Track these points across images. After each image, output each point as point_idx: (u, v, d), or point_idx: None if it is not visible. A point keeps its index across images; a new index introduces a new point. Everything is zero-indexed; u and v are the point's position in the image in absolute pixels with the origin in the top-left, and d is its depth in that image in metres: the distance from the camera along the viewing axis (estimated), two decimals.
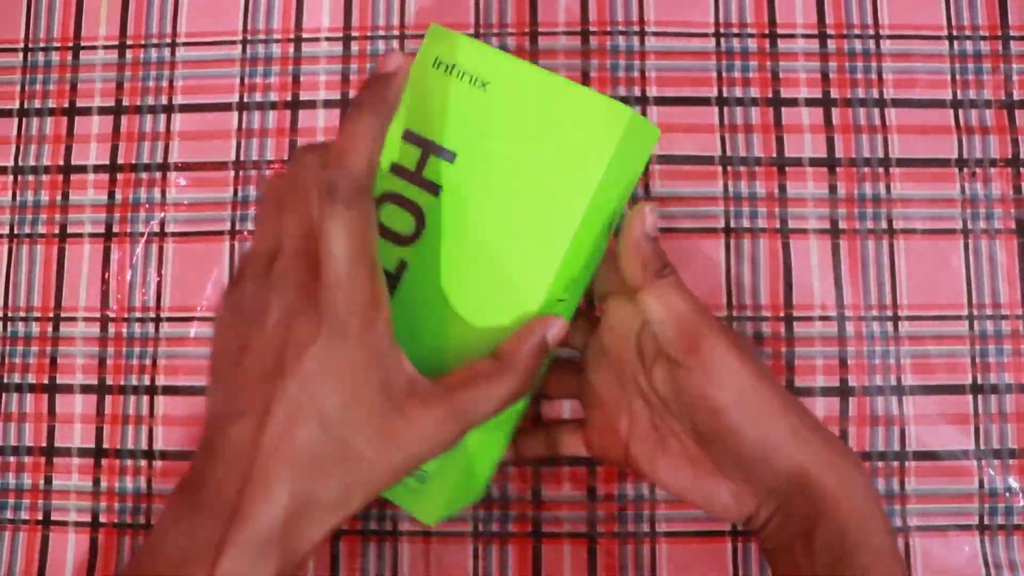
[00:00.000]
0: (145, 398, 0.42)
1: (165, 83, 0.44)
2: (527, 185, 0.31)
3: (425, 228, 0.32)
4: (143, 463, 0.42)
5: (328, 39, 0.44)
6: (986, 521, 0.40)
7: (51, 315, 0.43)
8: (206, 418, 0.30)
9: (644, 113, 0.43)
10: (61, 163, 0.44)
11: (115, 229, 0.43)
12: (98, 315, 0.43)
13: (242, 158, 0.43)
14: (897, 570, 0.31)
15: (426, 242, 0.32)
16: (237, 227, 0.43)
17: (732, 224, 0.42)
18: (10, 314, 0.43)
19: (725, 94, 0.43)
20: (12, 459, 0.42)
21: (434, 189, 0.32)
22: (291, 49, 0.44)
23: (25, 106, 0.44)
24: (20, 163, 0.44)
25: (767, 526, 0.33)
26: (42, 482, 0.42)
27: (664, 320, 0.32)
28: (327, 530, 0.28)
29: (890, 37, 0.43)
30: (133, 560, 0.29)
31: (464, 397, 0.29)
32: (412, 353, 0.29)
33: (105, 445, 0.42)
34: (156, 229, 0.43)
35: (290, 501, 0.27)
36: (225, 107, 0.44)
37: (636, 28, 0.44)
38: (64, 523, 0.41)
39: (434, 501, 0.33)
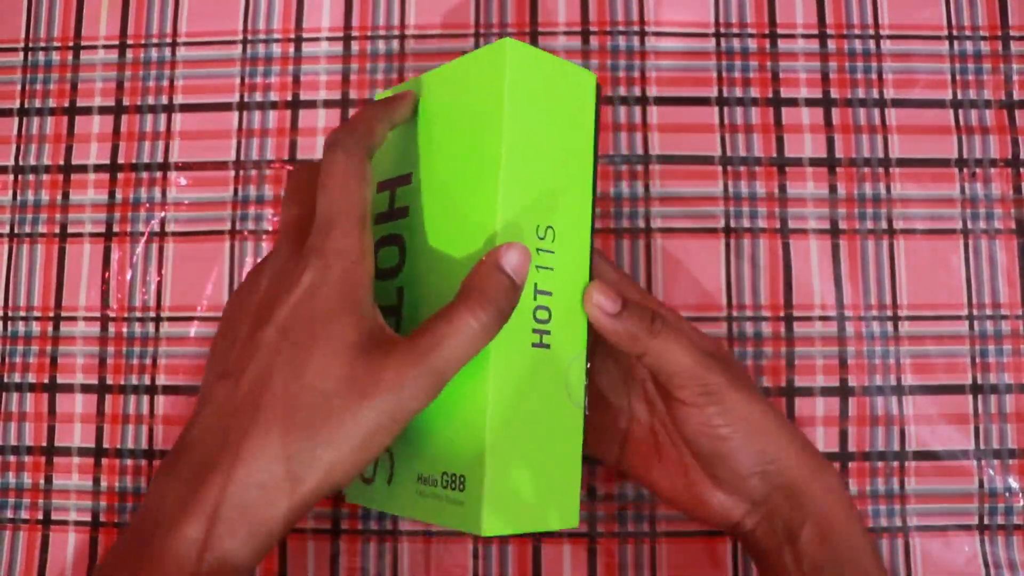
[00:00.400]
0: (145, 398, 0.42)
1: (165, 83, 0.44)
2: (461, 161, 0.32)
3: (406, 251, 0.34)
4: (143, 463, 0.42)
5: (328, 39, 0.44)
6: (986, 521, 0.40)
7: (51, 315, 0.43)
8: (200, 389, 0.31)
9: (644, 113, 0.43)
10: (61, 163, 0.44)
11: (115, 229, 0.43)
12: (98, 315, 0.43)
13: (242, 158, 0.43)
14: (875, 569, 0.33)
15: (410, 260, 0.33)
16: (237, 227, 0.43)
17: (732, 224, 0.42)
18: (10, 314, 0.43)
19: (725, 94, 0.43)
20: (12, 459, 0.42)
21: (404, 212, 0.34)
22: (291, 49, 0.44)
23: (25, 106, 0.44)
24: (20, 163, 0.44)
25: (754, 532, 0.34)
26: (42, 482, 0.42)
27: (671, 375, 0.33)
28: (299, 501, 0.26)
29: (890, 37, 0.43)
30: (120, 534, 0.29)
31: (424, 339, 0.27)
32: None
33: (105, 445, 0.42)
34: (156, 229, 0.43)
35: (259, 459, 0.26)
36: (225, 107, 0.44)
37: (636, 28, 0.44)
38: (64, 523, 0.41)
39: (480, 505, 0.29)
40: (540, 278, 0.31)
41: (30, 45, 0.45)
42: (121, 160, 0.44)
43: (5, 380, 0.43)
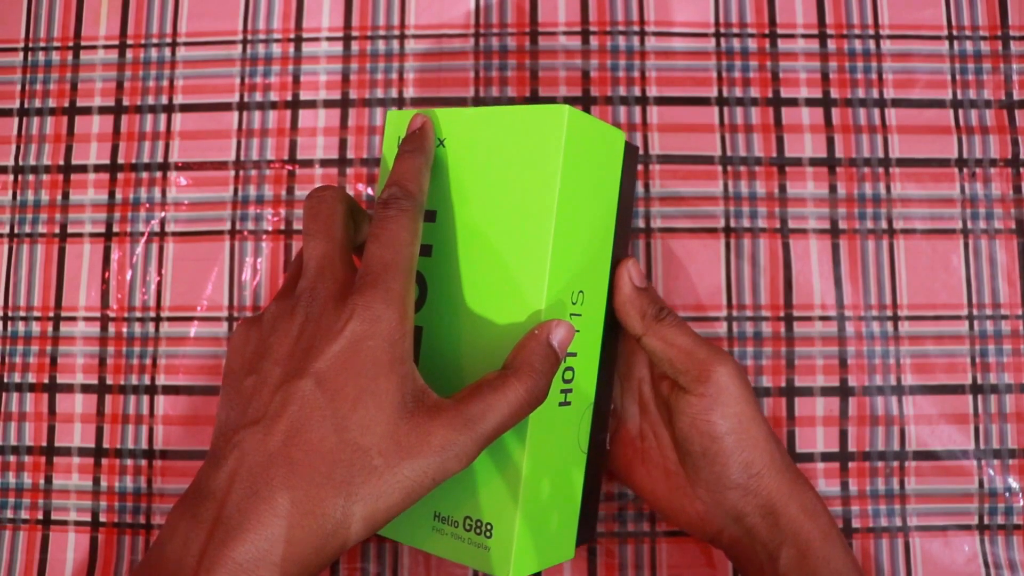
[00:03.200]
0: (145, 398, 0.42)
1: (165, 83, 0.44)
2: (501, 213, 0.32)
3: (428, 290, 0.34)
4: (143, 463, 0.42)
5: (328, 39, 0.44)
6: (986, 521, 0.40)
7: (51, 315, 0.43)
8: (214, 430, 0.30)
9: (644, 113, 0.43)
10: (61, 163, 0.44)
11: (115, 229, 0.43)
12: (98, 315, 0.43)
13: (242, 158, 0.43)
14: None
15: (431, 300, 0.33)
16: (237, 227, 0.43)
17: (732, 224, 0.42)
18: (10, 314, 0.43)
19: (725, 94, 0.43)
20: (12, 459, 0.42)
21: (427, 251, 0.34)
22: (291, 49, 0.44)
23: (25, 106, 0.44)
24: (20, 163, 0.44)
25: (734, 548, 0.35)
26: (42, 482, 0.42)
27: (671, 357, 0.34)
28: (327, 557, 0.26)
29: (890, 37, 0.43)
30: (133, 571, 0.29)
31: (472, 407, 0.28)
32: None
33: (105, 445, 0.42)
34: (156, 229, 0.43)
35: (292, 515, 0.26)
36: (225, 107, 0.44)
37: (636, 28, 0.44)
38: (64, 523, 0.41)
39: (510, 553, 0.31)
40: (572, 342, 0.32)
41: (30, 45, 0.45)
42: (121, 160, 0.44)
43: (5, 380, 0.43)
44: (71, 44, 0.45)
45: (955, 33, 0.43)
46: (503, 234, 0.32)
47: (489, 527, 0.31)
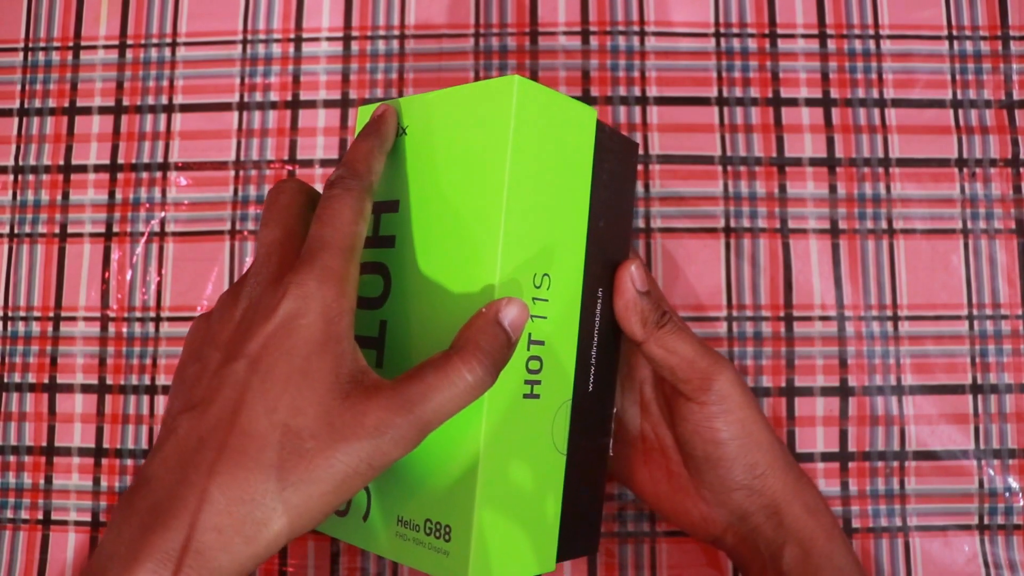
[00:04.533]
0: (145, 398, 0.42)
1: (165, 83, 0.44)
2: (457, 195, 0.31)
3: (391, 281, 0.33)
4: (143, 463, 0.42)
5: (328, 39, 0.44)
6: (986, 521, 0.40)
7: (51, 315, 0.43)
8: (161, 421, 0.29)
9: (644, 113, 0.43)
10: (61, 163, 0.44)
11: (115, 229, 0.43)
12: (98, 315, 0.43)
13: (242, 158, 0.43)
14: None
15: (395, 292, 0.32)
16: (237, 227, 0.43)
17: (732, 224, 0.42)
18: (10, 314, 0.43)
19: (725, 94, 0.43)
20: (12, 459, 0.42)
21: (390, 242, 0.33)
22: (291, 49, 0.44)
23: (25, 106, 0.44)
24: (20, 163, 0.44)
25: (737, 548, 0.35)
26: (42, 482, 0.42)
27: (672, 366, 0.33)
28: (262, 548, 0.24)
29: (890, 37, 0.43)
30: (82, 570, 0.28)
31: (411, 387, 0.26)
32: None
33: (105, 445, 0.42)
34: (156, 229, 0.43)
35: (219, 501, 0.24)
36: (225, 107, 0.44)
37: (636, 28, 0.44)
38: (64, 523, 0.41)
39: (467, 557, 0.29)
40: (534, 328, 0.30)
41: (30, 45, 0.45)
42: (121, 160, 0.44)
43: (5, 380, 0.43)
44: (71, 44, 0.45)
45: (955, 33, 0.43)
46: (460, 216, 0.30)
47: (448, 530, 0.29)
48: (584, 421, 0.34)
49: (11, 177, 0.44)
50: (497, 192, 0.29)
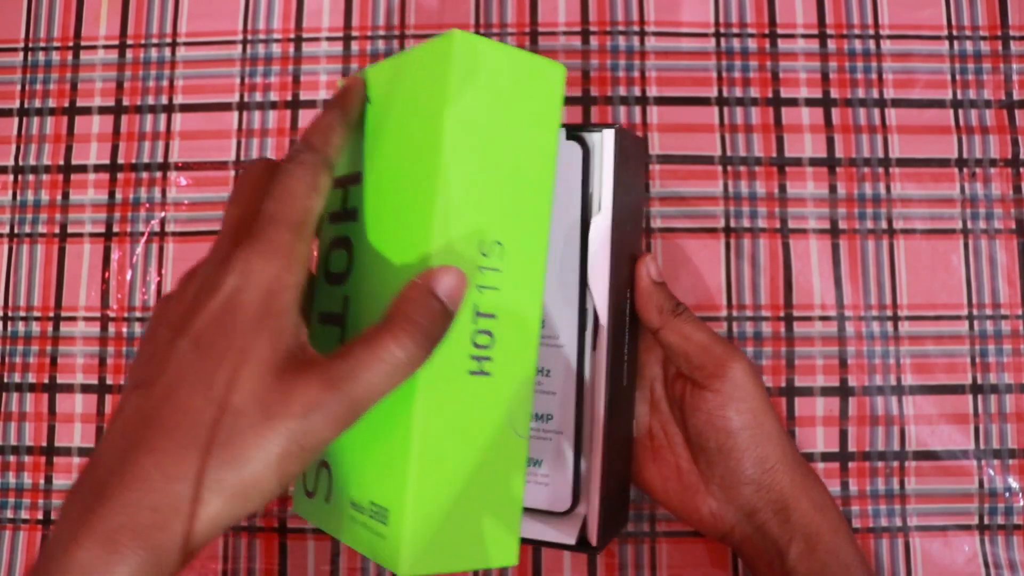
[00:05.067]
0: None
1: (165, 83, 0.44)
2: (405, 161, 0.29)
3: (353, 257, 0.31)
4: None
5: (328, 39, 0.44)
6: (986, 521, 0.40)
7: (51, 315, 0.43)
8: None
9: (644, 113, 0.43)
10: (61, 163, 0.44)
11: (115, 229, 0.43)
12: (98, 315, 0.43)
13: (242, 158, 0.43)
14: None
15: (357, 266, 0.31)
16: None
17: (732, 224, 0.42)
18: (10, 314, 0.43)
19: (725, 94, 0.43)
20: (12, 459, 0.42)
21: (353, 215, 0.31)
22: (291, 49, 0.44)
23: (25, 106, 0.44)
24: (20, 163, 0.44)
25: (744, 544, 0.35)
26: (42, 482, 0.42)
27: (688, 352, 0.34)
28: (201, 528, 0.24)
29: (890, 37, 0.43)
30: None
31: (341, 364, 0.25)
32: None
33: None
34: (156, 229, 0.43)
35: (155, 479, 0.24)
36: (225, 107, 0.44)
37: (636, 28, 0.44)
38: None
39: (400, 541, 0.27)
40: (482, 300, 0.28)
41: (30, 45, 0.45)
42: (121, 160, 0.44)
43: (5, 380, 0.43)
44: (71, 44, 0.45)
45: (955, 33, 0.43)
46: (405, 184, 0.29)
47: (385, 512, 0.28)
48: (619, 414, 0.35)
49: (11, 177, 0.44)
50: (435, 156, 0.27)
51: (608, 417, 0.34)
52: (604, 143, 0.33)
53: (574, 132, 0.34)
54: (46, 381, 0.42)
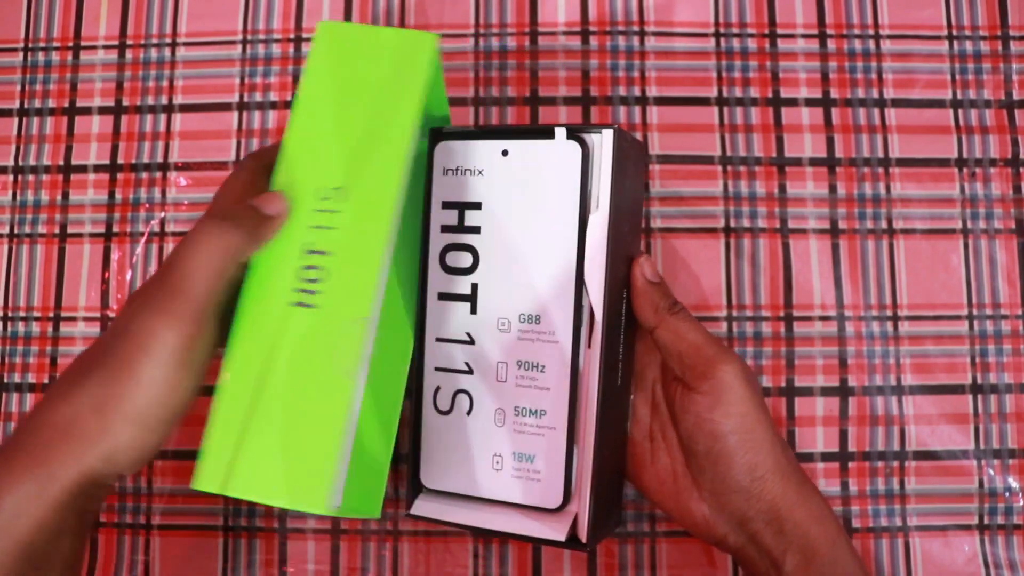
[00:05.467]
0: None
1: (165, 83, 0.44)
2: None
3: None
4: None
5: None
6: (986, 521, 0.40)
7: (51, 315, 0.43)
8: None
9: (644, 113, 0.43)
10: (61, 163, 0.44)
11: (115, 229, 0.43)
12: (98, 315, 0.43)
13: (242, 158, 0.43)
14: None
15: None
16: None
17: (732, 224, 0.42)
18: (10, 314, 0.43)
19: (725, 94, 0.43)
20: None
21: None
22: (291, 49, 0.44)
23: (25, 106, 0.44)
24: (20, 163, 0.44)
25: (740, 552, 0.35)
26: None
27: (680, 351, 0.34)
28: (99, 452, 0.28)
29: (890, 37, 0.43)
30: None
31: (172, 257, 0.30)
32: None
33: None
34: (156, 229, 0.43)
35: (65, 410, 0.28)
36: (225, 107, 0.44)
37: (636, 28, 0.44)
38: None
39: (201, 459, 0.29)
40: (316, 238, 0.31)
41: (30, 45, 0.45)
42: (121, 160, 0.44)
43: (5, 380, 0.43)
44: (71, 44, 0.45)
45: (955, 33, 0.43)
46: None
47: (208, 429, 0.30)
48: (613, 412, 0.35)
49: (11, 177, 0.44)
50: (292, 115, 0.33)
51: (600, 415, 0.34)
52: (603, 143, 0.34)
53: (574, 132, 0.34)
54: (46, 381, 0.42)
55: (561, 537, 0.33)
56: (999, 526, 0.40)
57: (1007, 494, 0.41)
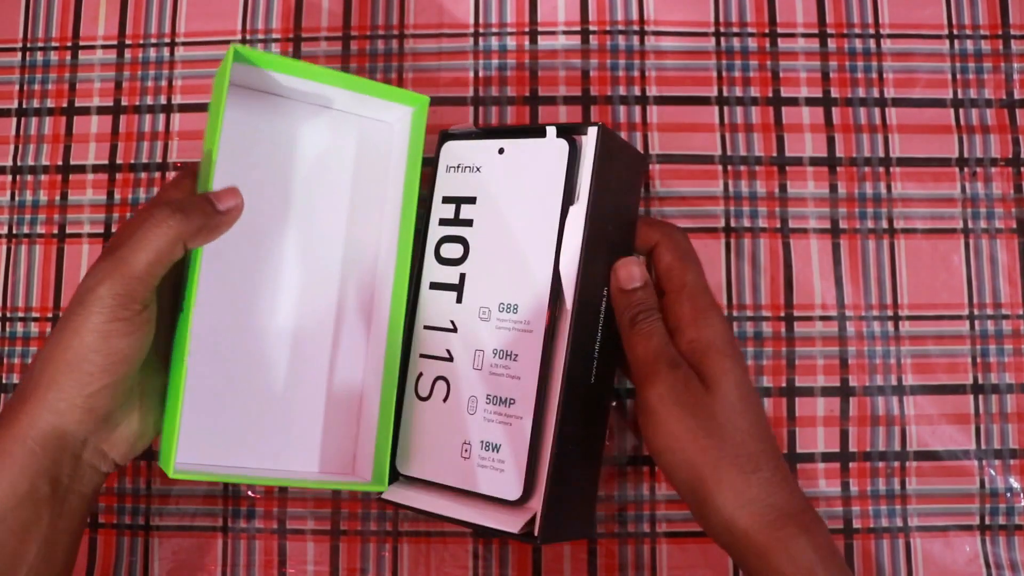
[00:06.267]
0: None
1: (164, 83, 0.44)
2: None
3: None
4: (142, 464, 0.41)
5: (327, 39, 0.44)
6: (987, 521, 0.40)
7: (50, 315, 0.43)
8: None
9: (644, 112, 0.43)
10: (60, 163, 0.44)
11: (114, 230, 0.43)
12: None
13: None
14: None
15: None
16: None
17: (732, 224, 0.42)
18: (9, 314, 0.43)
19: (725, 94, 0.43)
20: None
21: None
22: (290, 49, 0.44)
23: (24, 106, 0.44)
24: (19, 163, 0.44)
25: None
26: None
27: (630, 363, 0.34)
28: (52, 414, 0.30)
29: (890, 36, 0.43)
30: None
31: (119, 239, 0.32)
32: None
33: None
34: None
35: (26, 375, 0.31)
36: None
37: (636, 28, 0.44)
38: None
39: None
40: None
41: (28, 45, 0.45)
42: (120, 160, 0.44)
43: (4, 381, 0.43)
44: (69, 44, 0.45)
45: (956, 32, 0.43)
46: None
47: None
48: (585, 410, 0.35)
49: (9, 177, 0.44)
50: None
51: (562, 412, 0.33)
52: (588, 140, 0.34)
53: (564, 131, 0.35)
54: None
55: (515, 530, 0.33)
56: (1000, 526, 0.40)
57: (1008, 494, 0.40)
